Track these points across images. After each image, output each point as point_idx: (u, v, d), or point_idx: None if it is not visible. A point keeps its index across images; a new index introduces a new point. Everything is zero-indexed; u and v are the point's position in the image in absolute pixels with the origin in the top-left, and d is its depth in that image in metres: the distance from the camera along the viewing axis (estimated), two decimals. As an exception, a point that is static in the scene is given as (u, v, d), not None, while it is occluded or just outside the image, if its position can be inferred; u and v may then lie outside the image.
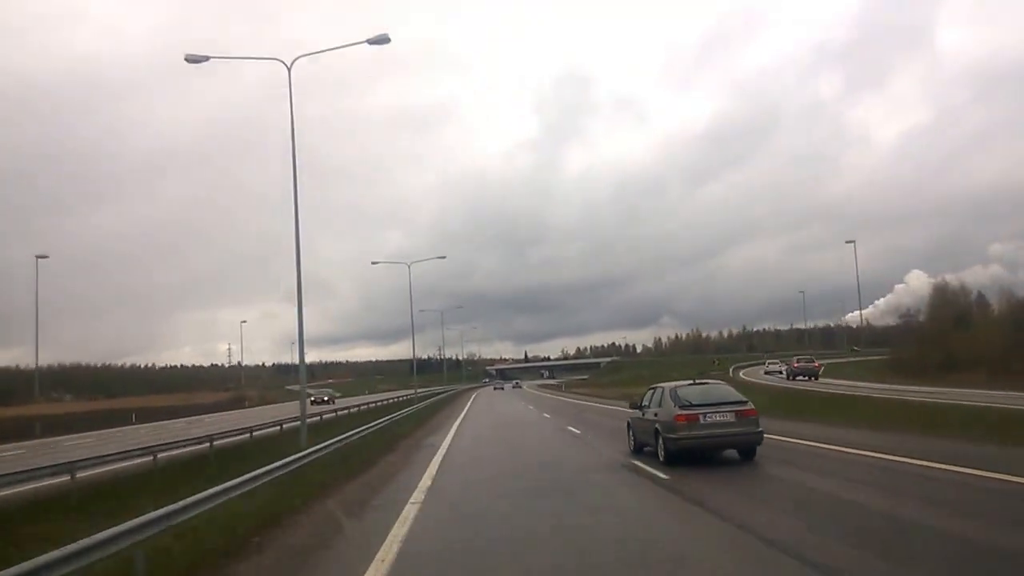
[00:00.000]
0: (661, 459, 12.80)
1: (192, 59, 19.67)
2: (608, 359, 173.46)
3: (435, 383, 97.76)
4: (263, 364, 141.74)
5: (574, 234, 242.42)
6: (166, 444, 18.15)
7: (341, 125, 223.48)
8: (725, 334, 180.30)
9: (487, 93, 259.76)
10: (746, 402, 12.84)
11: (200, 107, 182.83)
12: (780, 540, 6.78)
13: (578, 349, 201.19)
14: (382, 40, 20.45)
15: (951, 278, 63.27)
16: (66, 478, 12.86)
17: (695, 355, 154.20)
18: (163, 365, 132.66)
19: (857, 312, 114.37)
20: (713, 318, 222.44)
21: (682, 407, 12.49)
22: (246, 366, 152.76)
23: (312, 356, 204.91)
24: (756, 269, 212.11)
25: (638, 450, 14.65)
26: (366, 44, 20.52)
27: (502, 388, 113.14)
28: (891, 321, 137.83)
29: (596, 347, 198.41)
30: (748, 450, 12.73)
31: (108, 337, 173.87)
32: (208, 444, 19.23)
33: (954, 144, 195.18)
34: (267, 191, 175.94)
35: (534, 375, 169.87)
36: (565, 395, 67.90)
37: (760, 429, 12.62)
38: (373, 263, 50.11)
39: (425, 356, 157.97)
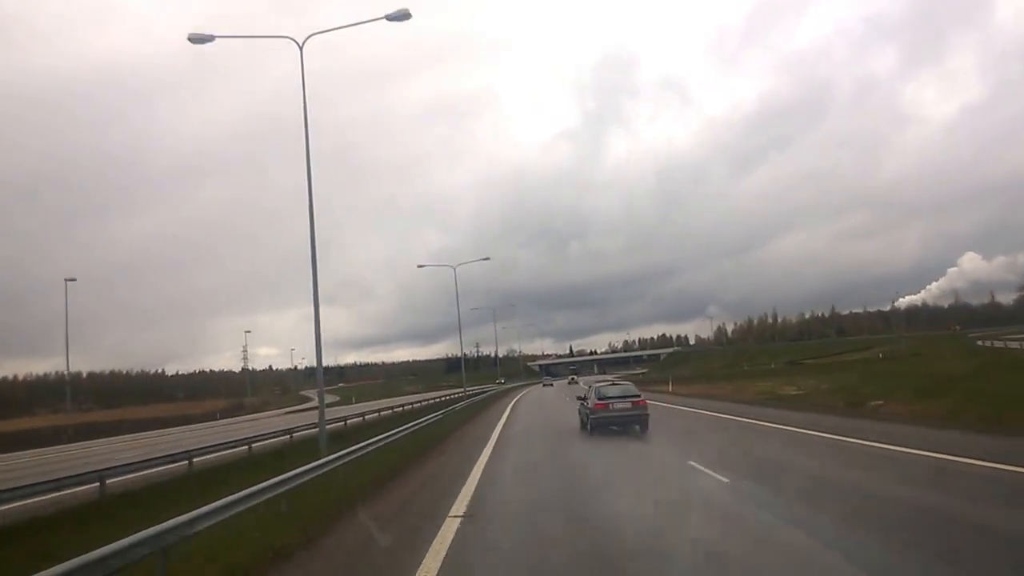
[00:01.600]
0: (588, 431, 20.96)
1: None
2: (668, 350, 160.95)
3: (471, 383, 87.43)
4: (295, 367, 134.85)
5: (615, 226, 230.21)
6: None
7: (375, 121, 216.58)
8: (807, 315, 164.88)
9: (524, 81, 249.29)
10: (639, 396, 20.80)
11: (232, 108, 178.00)
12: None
13: (625, 342, 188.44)
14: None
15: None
16: None
17: (767, 343, 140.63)
18: (173, 372, 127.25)
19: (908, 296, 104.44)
20: (762, 307, 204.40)
21: (599, 399, 20.66)
22: (278, 370, 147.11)
23: (351, 357, 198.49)
24: (804, 256, 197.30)
25: (583, 427, 22.25)
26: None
27: (551, 385, 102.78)
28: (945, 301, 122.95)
29: (644, 339, 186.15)
30: (642, 425, 20.30)
31: (147, 344, 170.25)
32: None
33: (1007, 124, 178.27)
34: (303, 192, 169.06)
35: (574, 370, 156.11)
36: (683, 399, 38.67)
37: (647, 413, 20.37)
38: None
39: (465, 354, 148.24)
